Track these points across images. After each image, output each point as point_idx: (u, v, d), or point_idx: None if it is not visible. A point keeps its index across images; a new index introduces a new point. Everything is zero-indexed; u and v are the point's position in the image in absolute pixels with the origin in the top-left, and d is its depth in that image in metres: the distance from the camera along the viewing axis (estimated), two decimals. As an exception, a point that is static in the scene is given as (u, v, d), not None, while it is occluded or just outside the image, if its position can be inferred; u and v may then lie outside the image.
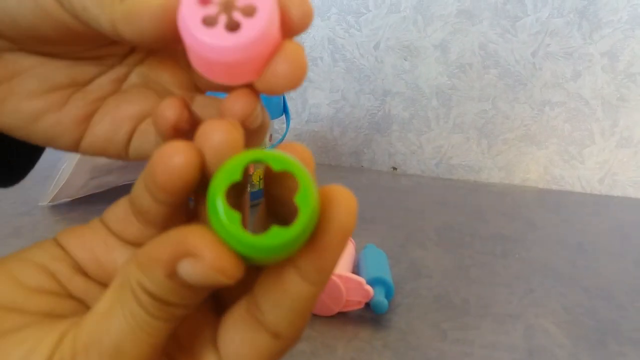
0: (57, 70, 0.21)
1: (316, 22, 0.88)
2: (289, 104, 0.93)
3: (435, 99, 0.87)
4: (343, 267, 0.46)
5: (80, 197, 0.68)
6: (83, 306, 0.19)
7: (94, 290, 0.19)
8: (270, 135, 0.70)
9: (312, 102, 0.93)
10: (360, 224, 0.65)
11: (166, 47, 0.22)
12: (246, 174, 0.16)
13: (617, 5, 0.76)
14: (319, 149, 0.95)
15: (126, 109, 0.22)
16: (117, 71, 0.23)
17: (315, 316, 0.43)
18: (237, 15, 0.16)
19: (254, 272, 0.17)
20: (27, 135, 0.22)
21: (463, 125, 0.87)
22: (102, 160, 0.66)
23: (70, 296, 0.19)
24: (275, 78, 0.17)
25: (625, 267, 0.57)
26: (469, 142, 0.88)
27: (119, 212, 0.20)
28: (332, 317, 0.43)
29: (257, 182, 0.69)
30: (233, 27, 0.16)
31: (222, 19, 0.16)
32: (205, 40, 0.16)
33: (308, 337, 0.41)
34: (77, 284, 0.19)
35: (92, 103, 0.22)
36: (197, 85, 0.22)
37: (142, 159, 0.22)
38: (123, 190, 0.73)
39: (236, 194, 0.15)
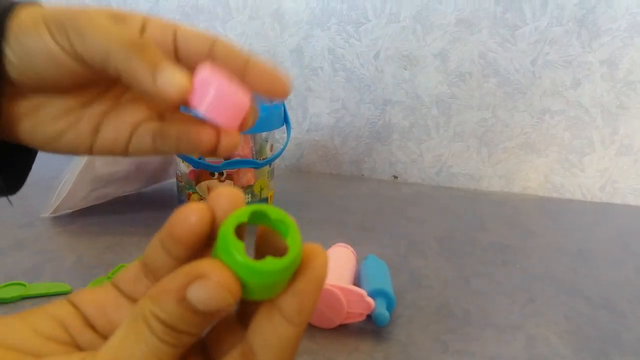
0: (70, 99, 0.28)
1: (316, 33, 0.88)
2: (290, 114, 0.93)
3: (435, 107, 0.87)
4: (344, 278, 0.46)
5: (82, 209, 0.68)
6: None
7: (101, 342, 0.21)
8: (272, 145, 0.70)
9: (313, 112, 0.93)
10: (361, 233, 0.65)
11: None
12: (244, 224, 0.20)
13: (616, 13, 0.76)
14: (319, 158, 0.96)
15: (125, 119, 0.29)
16: (115, 90, 0.30)
17: (316, 329, 0.43)
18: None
19: (240, 330, 0.22)
20: (54, 148, 0.29)
21: (463, 133, 0.87)
22: (103, 172, 0.66)
23: (80, 347, 0.21)
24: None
25: (626, 275, 0.57)
26: (469, 151, 0.88)
27: (129, 274, 0.23)
28: (333, 329, 0.43)
29: (258, 192, 0.69)
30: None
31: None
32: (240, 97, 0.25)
33: (309, 350, 0.41)
34: (87, 337, 0.22)
35: (99, 116, 0.29)
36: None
37: (140, 155, 0.30)
38: (123, 201, 0.73)
39: (238, 236, 0.19)
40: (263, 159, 0.68)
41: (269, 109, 0.66)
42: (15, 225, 0.62)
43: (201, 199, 0.67)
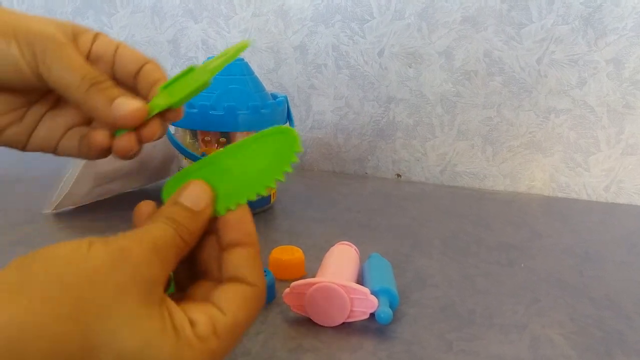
0: (18, 97, 0.32)
1: (320, 29, 0.88)
2: (293, 111, 0.93)
3: (440, 106, 0.87)
4: (348, 277, 0.46)
5: (84, 205, 0.68)
6: None
7: None
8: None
9: (316, 109, 0.93)
10: (365, 232, 0.65)
11: None
12: None
13: (623, 12, 0.75)
14: (322, 155, 0.95)
15: (59, 121, 0.33)
16: (54, 95, 0.33)
17: (319, 327, 0.43)
18: None
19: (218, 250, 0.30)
20: None
21: (468, 132, 0.87)
22: (106, 168, 0.66)
23: None
24: None
25: (632, 276, 0.56)
26: (474, 150, 0.87)
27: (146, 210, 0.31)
28: (336, 327, 0.43)
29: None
30: None
31: None
32: None
33: (313, 348, 0.40)
34: None
35: (39, 116, 0.33)
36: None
37: (67, 156, 0.34)
38: (126, 197, 0.73)
39: None
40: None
41: (272, 106, 0.65)
42: (17, 221, 0.62)
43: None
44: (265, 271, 0.48)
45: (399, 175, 0.93)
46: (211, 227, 0.29)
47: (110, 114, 0.29)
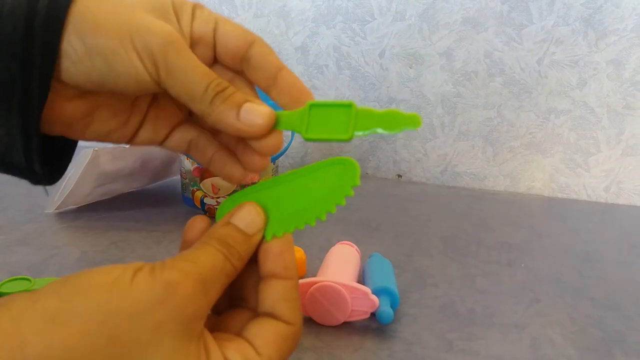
0: (120, 102, 0.30)
1: (322, 30, 0.88)
2: (294, 112, 0.93)
3: (441, 106, 0.87)
4: (348, 276, 0.46)
5: (86, 205, 0.68)
6: None
7: None
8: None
9: (317, 110, 0.93)
10: (365, 232, 0.65)
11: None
12: None
13: (623, 13, 0.76)
14: (324, 156, 0.95)
15: (160, 123, 0.31)
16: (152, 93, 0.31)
17: (320, 326, 0.43)
18: None
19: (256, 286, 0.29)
20: (97, 141, 0.31)
21: (468, 133, 0.87)
22: (108, 169, 0.66)
23: None
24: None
25: (632, 276, 0.56)
26: (474, 150, 0.88)
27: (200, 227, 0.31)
28: (337, 327, 0.43)
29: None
30: None
31: None
32: None
33: (314, 347, 0.41)
34: None
35: (143, 115, 0.31)
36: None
37: (172, 151, 0.35)
38: (128, 197, 0.73)
39: None
40: (268, 156, 0.68)
41: (274, 107, 0.65)
42: (20, 220, 0.62)
43: (205, 195, 0.67)
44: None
45: (399, 176, 0.93)
46: (252, 288, 0.29)
47: (237, 126, 0.27)
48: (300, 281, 0.43)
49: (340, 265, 0.48)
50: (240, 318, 0.28)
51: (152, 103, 0.31)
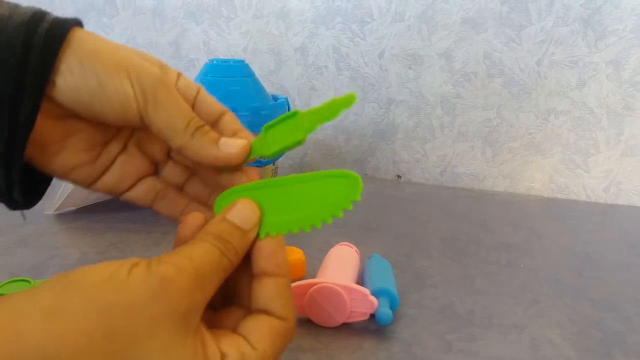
0: (96, 134, 0.31)
1: (321, 31, 0.88)
2: (294, 112, 0.93)
3: (440, 107, 0.87)
4: (347, 277, 0.46)
5: (85, 206, 0.68)
6: None
7: None
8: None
9: (317, 111, 0.93)
10: (365, 233, 0.65)
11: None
12: None
13: (622, 14, 0.76)
14: (323, 156, 0.95)
15: (129, 169, 0.32)
16: (126, 131, 0.33)
17: (319, 327, 0.43)
18: None
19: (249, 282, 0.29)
20: (62, 177, 0.31)
21: (467, 133, 0.87)
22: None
23: None
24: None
25: (631, 277, 0.56)
26: (474, 151, 0.88)
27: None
28: (336, 328, 0.43)
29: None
30: None
31: None
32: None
33: (312, 348, 0.41)
34: None
35: (112, 159, 0.32)
36: (171, 154, 0.34)
37: (132, 202, 0.33)
38: (128, 198, 0.73)
39: None
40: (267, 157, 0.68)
41: (274, 107, 0.65)
42: (20, 222, 0.62)
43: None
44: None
45: (399, 177, 0.93)
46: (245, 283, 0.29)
47: (217, 155, 0.30)
48: (300, 282, 0.43)
49: (340, 267, 0.48)
50: (235, 315, 0.29)
51: (122, 150, 0.32)
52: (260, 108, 0.64)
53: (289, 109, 0.71)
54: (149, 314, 0.22)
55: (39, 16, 0.27)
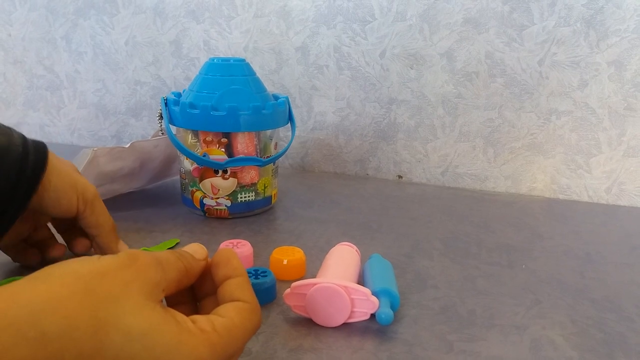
0: (24, 229, 0.51)
1: (322, 30, 0.88)
2: (295, 112, 0.93)
3: (441, 107, 0.87)
4: (348, 277, 0.46)
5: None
6: None
7: None
8: (276, 143, 0.70)
9: (318, 110, 0.93)
10: (366, 233, 0.65)
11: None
12: None
13: (624, 14, 0.75)
14: (324, 156, 0.95)
15: (13, 236, 0.50)
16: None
17: (320, 327, 0.43)
18: None
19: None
20: None
21: (469, 133, 0.87)
22: (107, 169, 0.66)
23: None
24: None
25: (633, 278, 0.56)
26: (475, 151, 0.87)
27: None
28: (337, 328, 0.43)
29: (262, 191, 0.69)
30: None
31: None
32: None
33: (313, 348, 0.40)
34: None
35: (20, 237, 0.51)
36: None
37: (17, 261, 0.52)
38: (128, 197, 0.73)
39: None
40: (267, 156, 0.68)
41: (274, 106, 0.65)
42: (19, 220, 0.62)
43: (204, 196, 0.66)
44: (266, 271, 0.48)
45: (400, 177, 0.93)
46: (213, 291, 0.35)
47: (115, 248, 0.51)
48: (300, 282, 0.43)
49: (341, 266, 0.48)
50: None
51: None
52: (261, 107, 0.63)
53: (289, 109, 0.71)
54: (120, 278, 0.27)
55: (26, 150, 0.43)
